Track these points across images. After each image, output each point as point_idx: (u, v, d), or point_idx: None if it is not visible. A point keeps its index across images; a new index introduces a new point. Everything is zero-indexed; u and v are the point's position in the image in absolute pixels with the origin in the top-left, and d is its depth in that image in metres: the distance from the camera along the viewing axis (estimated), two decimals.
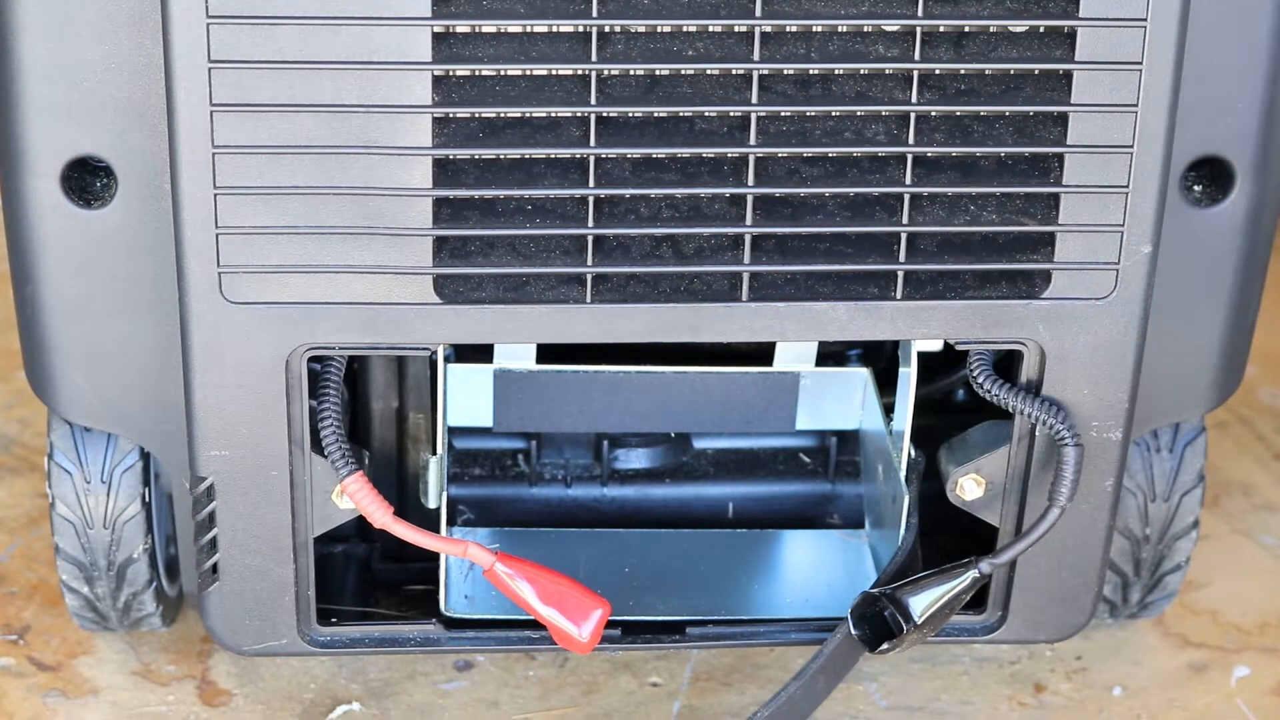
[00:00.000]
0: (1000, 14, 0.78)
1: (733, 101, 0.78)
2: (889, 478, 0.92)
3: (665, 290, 0.81)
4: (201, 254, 0.79)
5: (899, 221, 0.80)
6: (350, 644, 0.89)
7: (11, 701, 0.93)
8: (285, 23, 0.75)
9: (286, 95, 0.76)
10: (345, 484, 0.83)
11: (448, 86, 0.78)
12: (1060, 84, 0.79)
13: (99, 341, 0.84)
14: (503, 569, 0.83)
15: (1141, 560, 0.95)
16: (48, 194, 0.81)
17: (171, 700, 0.94)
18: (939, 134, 0.79)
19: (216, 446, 0.83)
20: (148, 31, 0.78)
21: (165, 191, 0.81)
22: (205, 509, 0.85)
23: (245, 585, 0.86)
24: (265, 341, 0.81)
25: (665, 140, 0.79)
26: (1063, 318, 0.83)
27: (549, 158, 0.79)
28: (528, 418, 0.92)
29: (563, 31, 0.77)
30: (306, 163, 0.78)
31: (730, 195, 0.80)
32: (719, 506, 0.99)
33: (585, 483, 0.99)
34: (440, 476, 0.89)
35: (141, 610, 0.93)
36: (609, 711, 0.94)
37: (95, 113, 0.80)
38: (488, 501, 0.98)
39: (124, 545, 0.90)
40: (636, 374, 0.90)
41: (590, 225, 0.80)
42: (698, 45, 0.78)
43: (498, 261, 0.80)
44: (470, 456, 0.99)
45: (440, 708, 0.94)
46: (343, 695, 0.94)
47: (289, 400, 0.83)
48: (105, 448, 0.89)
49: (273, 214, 0.79)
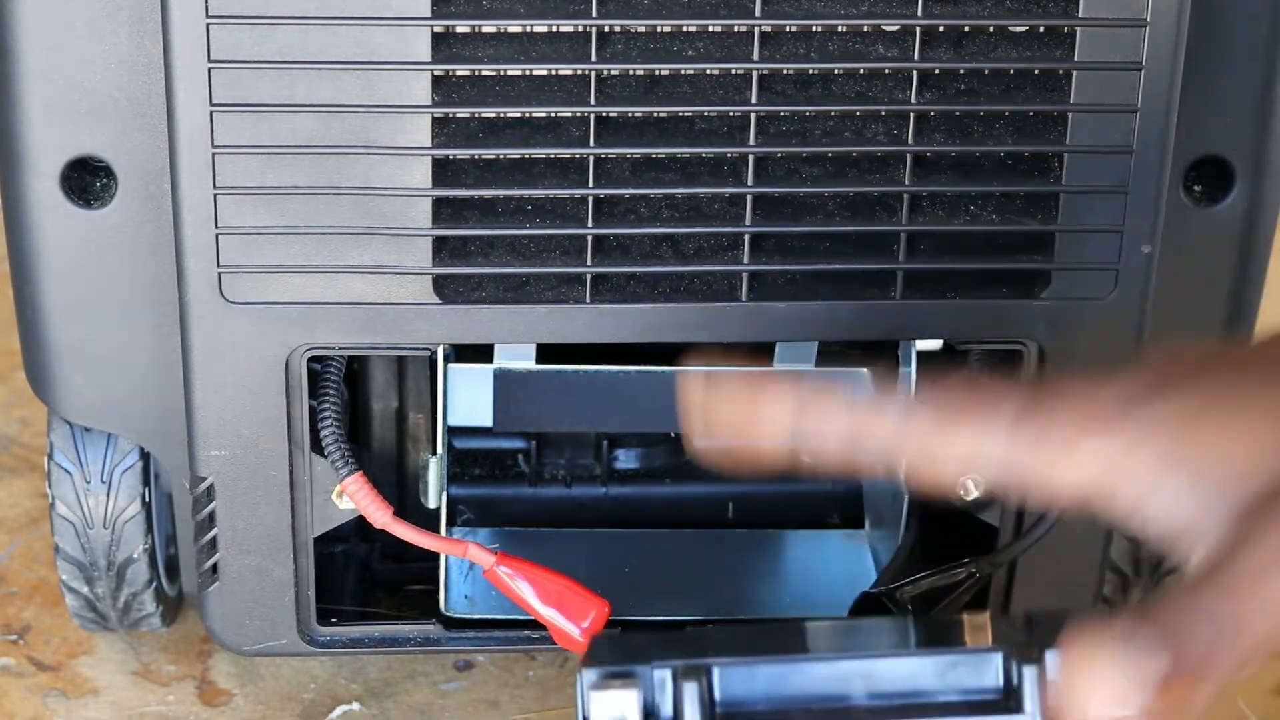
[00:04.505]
0: (1000, 14, 0.78)
1: (733, 101, 0.78)
2: (889, 478, 0.92)
3: (665, 290, 0.81)
4: (201, 254, 0.79)
5: (899, 221, 0.80)
6: (350, 644, 0.89)
7: (11, 701, 0.93)
8: (285, 23, 0.75)
9: (286, 95, 0.76)
10: (345, 484, 0.83)
11: (447, 86, 0.78)
12: (1060, 84, 0.79)
13: (99, 341, 0.84)
14: (503, 569, 0.83)
15: (1141, 560, 0.95)
16: (48, 194, 0.81)
17: (171, 700, 0.94)
18: (939, 134, 0.79)
19: (216, 446, 0.83)
20: (148, 31, 0.78)
21: (165, 191, 0.81)
22: (205, 509, 0.85)
23: (245, 585, 0.86)
24: (265, 341, 0.81)
25: (665, 140, 0.79)
26: (1063, 318, 0.83)
27: (549, 158, 0.79)
28: (528, 418, 0.92)
29: (563, 31, 0.77)
30: (306, 163, 0.78)
31: (730, 195, 0.80)
32: (719, 506, 0.99)
33: (585, 483, 0.98)
34: (440, 476, 0.89)
35: (141, 610, 0.93)
36: None
37: (95, 113, 0.80)
38: (488, 501, 0.98)
39: (124, 545, 0.90)
40: (636, 374, 0.90)
41: (590, 225, 0.80)
42: (698, 45, 0.78)
43: (497, 261, 0.80)
44: (470, 456, 0.99)
45: (440, 708, 0.94)
46: (343, 695, 0.94)
47: (289, 400, 0.83)
48: (105, 448, 0.89)
49: (272, 214, 0.79)
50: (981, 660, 0.64)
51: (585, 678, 0.64)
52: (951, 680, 0.64)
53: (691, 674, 0.63)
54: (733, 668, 0.64)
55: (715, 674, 0.64)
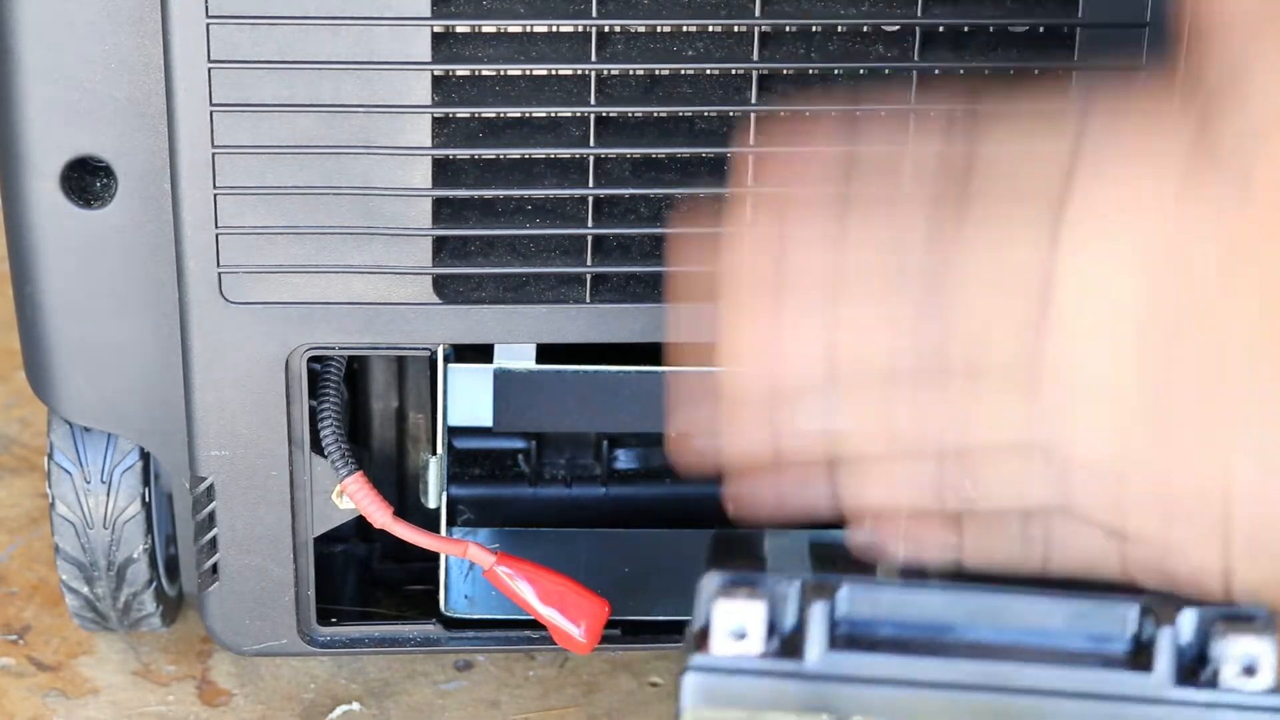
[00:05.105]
0: (1000, 14, 0.78)
1: (733, 101, 0.78)
2: None
3: (665, 290, 0.81)
4: (201, 254, 0.79)
5: None
6: (350, 644, 0.89)
7: (11, 701, 0.93)
8: (285, 23, 0.75)
9: (286, 95, 0.76)
10: (345, 484, 0.83)
11: (447, 86, 0.78)
12: (1060, 84, 0.79)
13: (99, 341, 0.84)
14: (503, 569, 0.83)
15: None
16: (48, 194, 0.81)
17: (171, 700, 0.94)
18: None
19: (216, 446, 0.83)
20: (148, 31, 0.78)
21: (165, 191, 0.81)
22: (205, 509, 0.85)
23: (245, 585, 0.86)
24: (265, 341, 0.81)
25: (665, 140, 0.79)
26: None
27: (549, 158, 0.79)
28: (528, 418, 0.92)
29: (563, 31, 0.77)
30: (306, 163, 0.78)
31: (730, 195, 0.80)
32: (719, 506, 0.99)
33: (585, 483, 0.98)
34: (440, 476, 0.89)
35: (141, 610, 0.93)
36: (609, 711, 0.94)
37: (95, 113, 0.80)
38: (488, 501, 0.98)
39: (124, 545, 0.90)
40: (636, 374, 0.89)
41: (590, 225, 0.80)
42: (698, 45, 0.78)
43: (497, 261, 0.80)
44: (470, 456, 0.99)
45: (440, 708, 0.94)
46: (343, 695, 0.94)
47: (289, 400, 0.83)
48: (105, 448, 0.89)
49: (273, 214, 0.79)
50: (1115, 610, 0.61)
51: (709, 582, 0.62)
52: (1081, 627, 0.62)
53: (820, 591, 0.61)
54: (860, 587, 0.62)
55: (843, 592, 0.62)
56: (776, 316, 0.63)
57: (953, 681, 0.61)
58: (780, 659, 0.61)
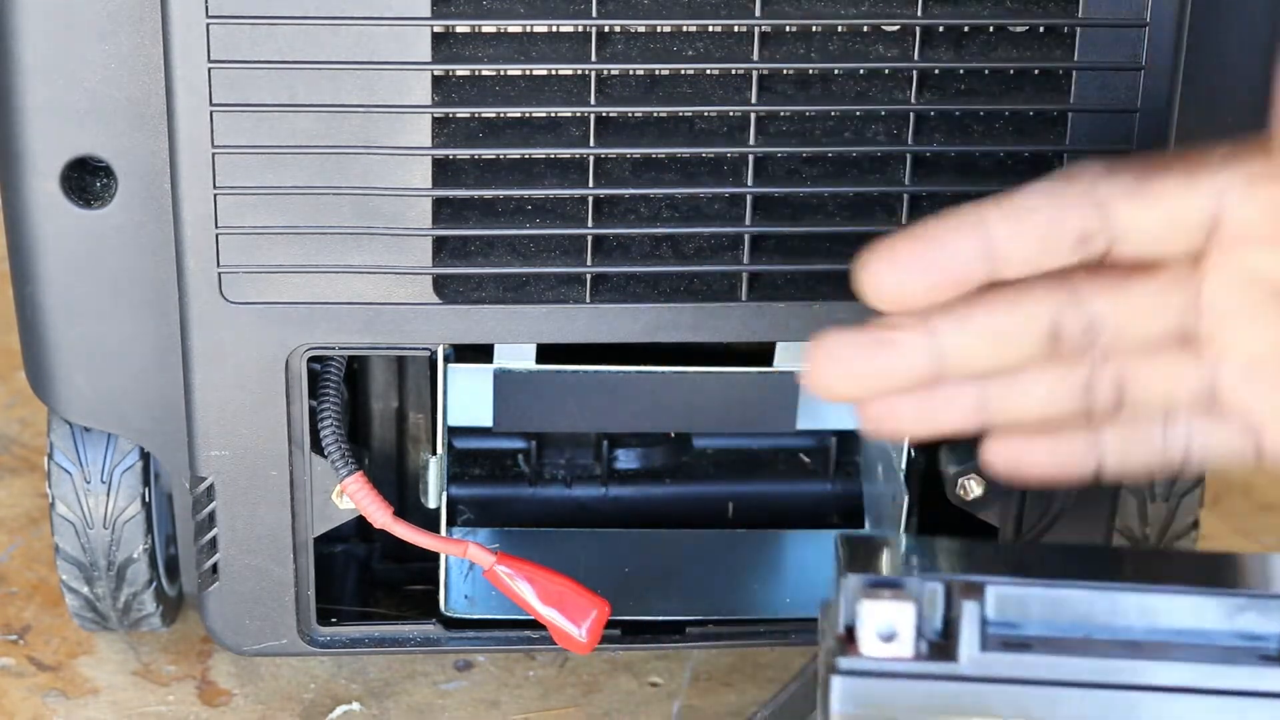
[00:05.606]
0: (1000, 14, 0.78)
1: (733, 101, 0.78)
2: (889, 478, 0.92)
3: (665, 290, 0.81)
4: (201, 254, 0.79)
5: (899, 221, 0.80)
6: (350, 644, 0.89)
7: (11, 701, 0.93)
8: (285, 23, 0.75)
9: (286, 95, 0.77)
10: (345, 484, 0.83)
11: (447, 86, 0.78)
12: (1060, 84, 0.79)
13: (99, 341, 0.84)
14: (503, 569, 0.83)
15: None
16: (48, 194, 0.81)
17: (171, 700, 0.94)
18: (939, 134, 0.79)
19: (216, 446, 0.83)
20: (148, 31, 0.78)
21: (165, 191, 0.81)
22: (205, 509, 0.85)
23: (245, 585, 0.86)
24: (265, 341, 0.81)
25: (665, 140, 0.79)
26: None
27: (549, 158, 0.79)
28: (528, 418, 0.92)
29: (563, 31, 0.77)
30: (306, 163, 0.78)
31: (730, 195, 0.80)
32: (719, 506, 0.99)
33: (586, 483, 0.98)
34: (440, 476, 0.89)
35: (141, 610, 0.93)
36: (609, 711, 0.94)
37: (95, 113, 0.80)
38: (488, 501, 0.98)
39: (124, 545, 0.90)
40: (636, 374, 0.90)
41: (590, 225, 0.80)
42: (698, 45, 0.78)
43: (497, 261, 0.80)
44: (470, 456, 0.99)
45: (440, 708, 0.94)
46: (343, 695, 0.94)
47: (289, 400, 0.83)
48: (105, 448, 0.89)
49: (272, 214, 0.79)
50: (1268, 606, 0.60)
51: (851, 583, 0.61)
52: (1237, 624, 0.61)
53: (969, 591, 0.61)
54: (1006, 587, 0.61)
55: (990, 593, 0.61)
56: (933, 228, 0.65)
57: (1107, 681, 0.61)
58: (933, 661, 0.61)
